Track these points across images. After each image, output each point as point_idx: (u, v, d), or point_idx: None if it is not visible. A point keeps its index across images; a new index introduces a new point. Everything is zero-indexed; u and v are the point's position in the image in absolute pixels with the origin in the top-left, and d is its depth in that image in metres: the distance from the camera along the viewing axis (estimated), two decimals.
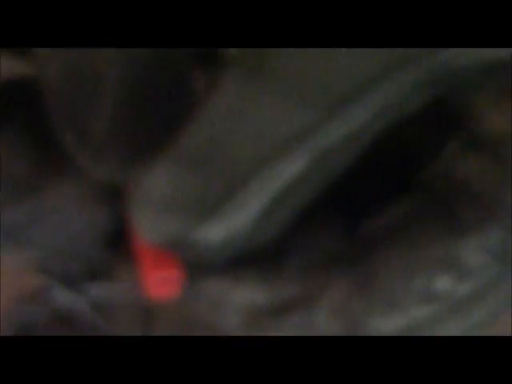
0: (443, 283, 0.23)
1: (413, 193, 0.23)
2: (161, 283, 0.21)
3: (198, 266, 0.21)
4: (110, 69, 0.22)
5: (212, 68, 0.22)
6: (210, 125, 0.20)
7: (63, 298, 0.25)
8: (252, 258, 0.21)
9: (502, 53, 0.21)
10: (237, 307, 0.22)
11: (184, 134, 0.20)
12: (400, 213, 0.23)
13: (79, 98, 0.22)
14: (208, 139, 0.20)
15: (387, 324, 0.23)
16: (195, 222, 0.20)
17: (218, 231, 0.20)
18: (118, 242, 0.22)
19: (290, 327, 0.22)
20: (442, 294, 0.23)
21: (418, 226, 0.23)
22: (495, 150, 0.22)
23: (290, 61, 0.20)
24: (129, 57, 0.22)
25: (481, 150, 0.22)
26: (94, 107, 0.22)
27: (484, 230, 0.22)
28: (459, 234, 0.22)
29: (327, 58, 0.20)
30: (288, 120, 0.20)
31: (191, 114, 0.20)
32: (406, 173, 0.23)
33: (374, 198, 0.23)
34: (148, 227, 0.21)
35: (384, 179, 0.23)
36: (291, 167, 0.20)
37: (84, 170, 0.22)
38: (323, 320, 0.22)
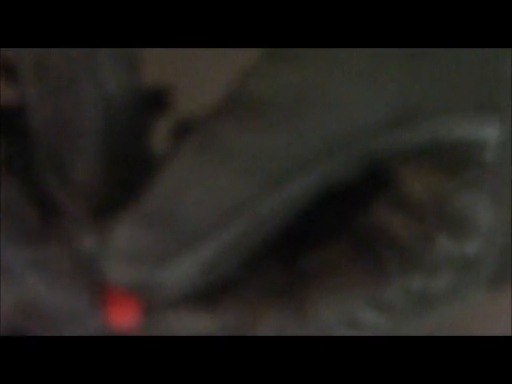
0: (367, 315, 0.26)
1: (345, 239, 0.27)
2: (122, 317, 0.25)
3: (155, 303, 0.26)
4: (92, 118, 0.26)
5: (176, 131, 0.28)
6: (167, 189, 0.25)
7: None
8: (199, 294, 0.26)
9: (421, 137, 0.25)
10: (187, 332, 0.26)
11: (145, 195, 0.25)
12: (333, 254, 0.27)
13: (62, 141, 0.26)
14: (165, 201, 0.25)
15: None
16: (153, 269, 0.25)
17: (172, 276, 0.25)
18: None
19: None
20: (365, 323, 0.26)
21: (347, 266, 0.26)
22: (416, 210, 0.26)
23: (238, 136, 0.24)
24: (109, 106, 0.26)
25: (405, 209, 0.26)
26: (76, 151, 0.25)
27: (405, 275, 0.26)
28: (382, 276, 0.26)
29: (270, 140, 0.24)
30: (234, 188, 0.24)
31: (152, 176, 0.25)
32: (341, 223, 0.27)
33: (311, 241, 0.27)
34: (113, 272, 0.25)
35: (321, 227, 0.27)
36: (236, 227, 0.25)
37: (62, 208, 0.26)
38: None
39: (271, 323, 0.26)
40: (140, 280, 0.25)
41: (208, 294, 0.26)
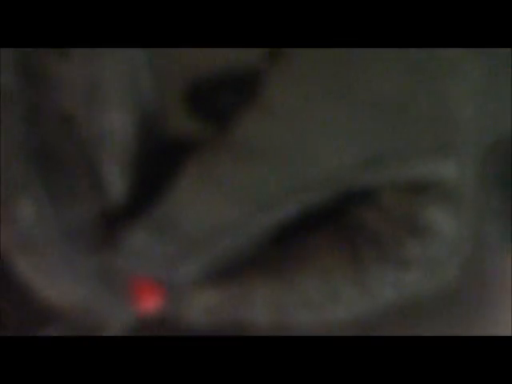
0: (346, 294, 0.31)
1: (330, 230, 0.31)
2: (147, 300, 0.30)
3: (172, 287, 0.30)
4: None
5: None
6: (172, 206, 0.30)
7: None
8: (208, 276, 0.30)
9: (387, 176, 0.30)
10: (200, 305, 0.30)
11: (154, 210, 0.30)
12: (318, 241, 0.31)
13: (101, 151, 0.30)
14: (170, 216, 0.30)
15: (305, 316, 0.31)
16: (168, 266, 0.30)
17: (183, 271, 0.30)
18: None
19: (236, 314, 0.31)
20: (344, 300, 0.31)
21: (330, 252, 0.31)
22: (392, 217, 0.31)
23: (230, 168, 0.29)
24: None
25: (382, 214, 0.31)
26: (109, 159, 0.30)
27: (380, 267, 0.30)
28: (361, 264, 0.30)
29: (257, 173, 0.29)
30: (225, 209, 0.29)
31: (162, 191, 0.30)
32: (326, 216, 0.31)
33: (299, 228, 0.31)
34: (132, 270, 0.30)
35: (310, 220, 0.31)
36: (228, 240, 0.30)
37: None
38: (258, 310, 0.31)
39: (267, 296, 0.30)
40: (158, 273, 0.30)
41: (214, 276, 0.30)
